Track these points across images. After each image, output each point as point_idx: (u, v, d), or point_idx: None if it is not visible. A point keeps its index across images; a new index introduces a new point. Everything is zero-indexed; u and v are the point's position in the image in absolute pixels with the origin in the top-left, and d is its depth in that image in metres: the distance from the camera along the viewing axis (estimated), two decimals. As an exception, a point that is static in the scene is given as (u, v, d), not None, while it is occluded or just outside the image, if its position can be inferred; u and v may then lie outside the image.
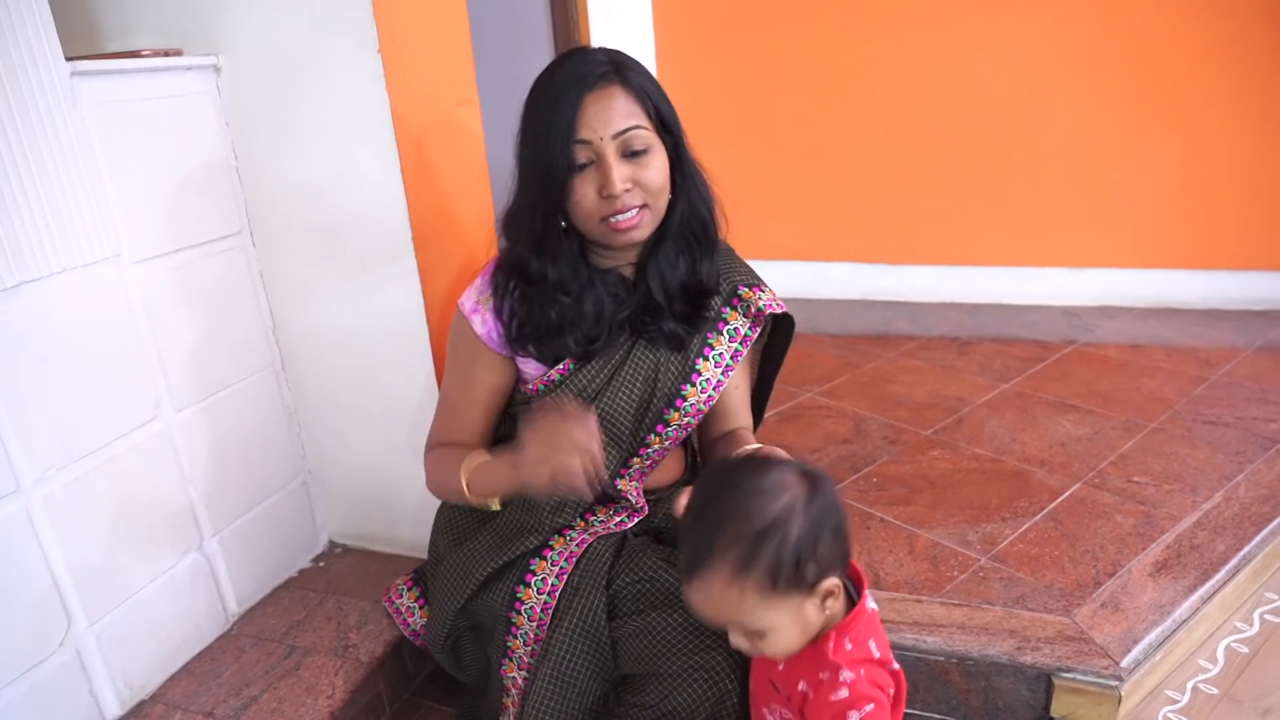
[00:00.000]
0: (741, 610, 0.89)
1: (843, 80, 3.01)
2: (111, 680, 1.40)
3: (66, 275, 1.30)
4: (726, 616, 0.91)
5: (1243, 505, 1.74)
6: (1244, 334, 2.62)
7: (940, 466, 1.98)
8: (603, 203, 1.15)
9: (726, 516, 0.89)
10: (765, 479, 0.91)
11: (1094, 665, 1.37)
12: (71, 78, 1.29)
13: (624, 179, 1.14)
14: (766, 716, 1.05)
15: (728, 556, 0.87)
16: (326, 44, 1.45)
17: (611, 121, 1.13)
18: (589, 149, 1.14)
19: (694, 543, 0.90)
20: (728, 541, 0.88)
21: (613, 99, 1.14)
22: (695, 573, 0.90)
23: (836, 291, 3.25)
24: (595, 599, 1.18)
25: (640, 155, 1.15)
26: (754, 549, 0.87)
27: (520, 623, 1.25)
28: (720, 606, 0.90)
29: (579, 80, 1.14)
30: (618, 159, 1.14)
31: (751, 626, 0.90)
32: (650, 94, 1.17)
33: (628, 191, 1.14)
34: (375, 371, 1.66)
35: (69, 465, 1.31)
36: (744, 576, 0.87)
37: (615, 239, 1.19)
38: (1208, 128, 2.67)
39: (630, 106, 1.15)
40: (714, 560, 0.88)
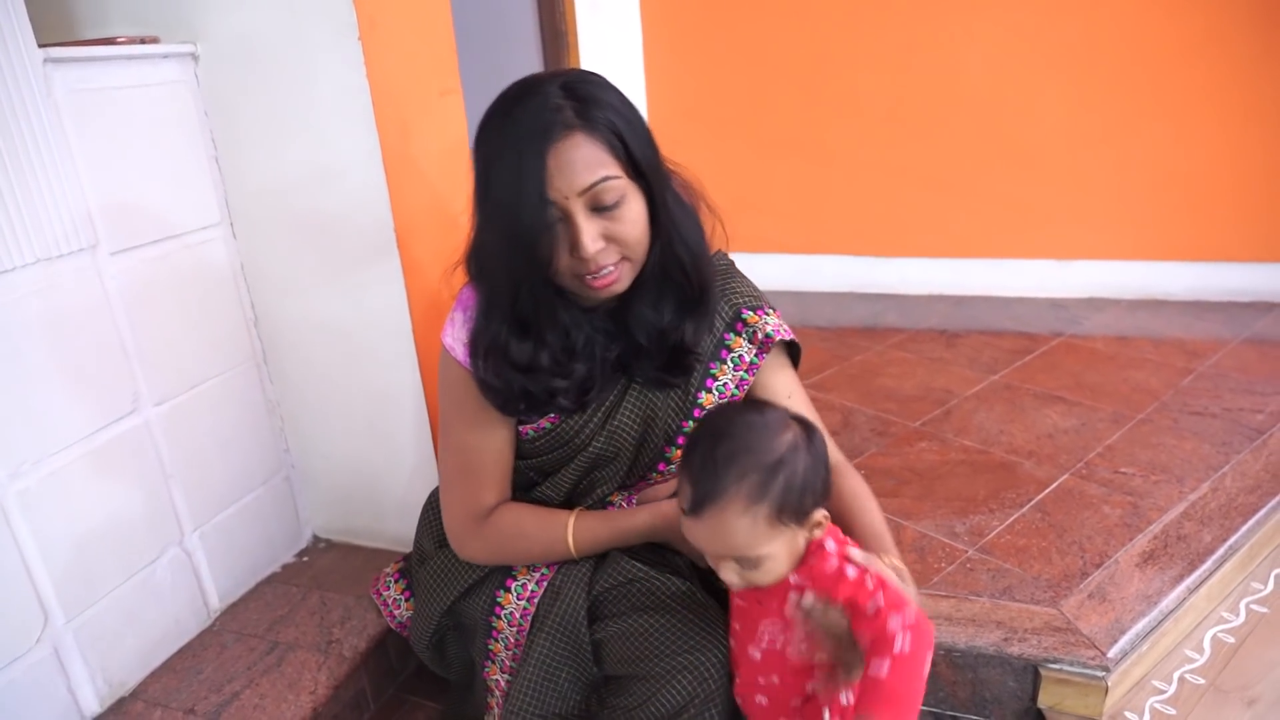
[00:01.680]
0: (750, 539, 0.92)
1: (831, 73, 3.00)
2: (90, 677, 1.38)
3: (41, 266, 1.28)
4: (732, 546, 0.94)
5: (1229, 496, 1.74)
6: (1231, 325, 2.63)
7: (928, 458, 1.98)
8: (576, 262, 1.03)
9: (739, 450, 0.92)
10: (768, 417, 0.97)
11: (1081, 656, 1.37)
12: (45, 65, 1.27)
13: (595, 237, 1.02)
14: (757, 699, 1.05)
15: (742, 487, 0.91)
16: (306, 31, 1.43)
17: (577, 176, 0.99)
18: (556, 209, 1.01)
19: (705, 475, 0.92)
20: (741, 472, 0.91)
21: (576, 149, 0.99)
22: (707, 504, 0.92)
23: (825, 284, 3.25)
24: (576, 603, 1.17)
25: (612, 209, 1.02)
26: (767, 480, 0.91)
27: (500, 627, 1.23)
28: (728, 537, 0.93)
29: (539, 132, 0.99)
30: (587, 216, 1.01)
31: (752, 555, 0.93)
32: (620, 133, 1.02)
33: (601, 250, 1.03)
34: (359, 364, 1.64)
35: (45, 459, 1.29)
36: (756, 506, 0.91)
37: (594, 295, 1.08)
38: (1195, 120, 2.68)
39: (597, 154, 1.00)
40: (728, 491, 0.91)
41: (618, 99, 1.05)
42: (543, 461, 1.23)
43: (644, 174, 1.05)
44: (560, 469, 1.22)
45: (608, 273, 1.05)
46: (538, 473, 1.25)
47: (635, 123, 1.05)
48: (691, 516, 0.94)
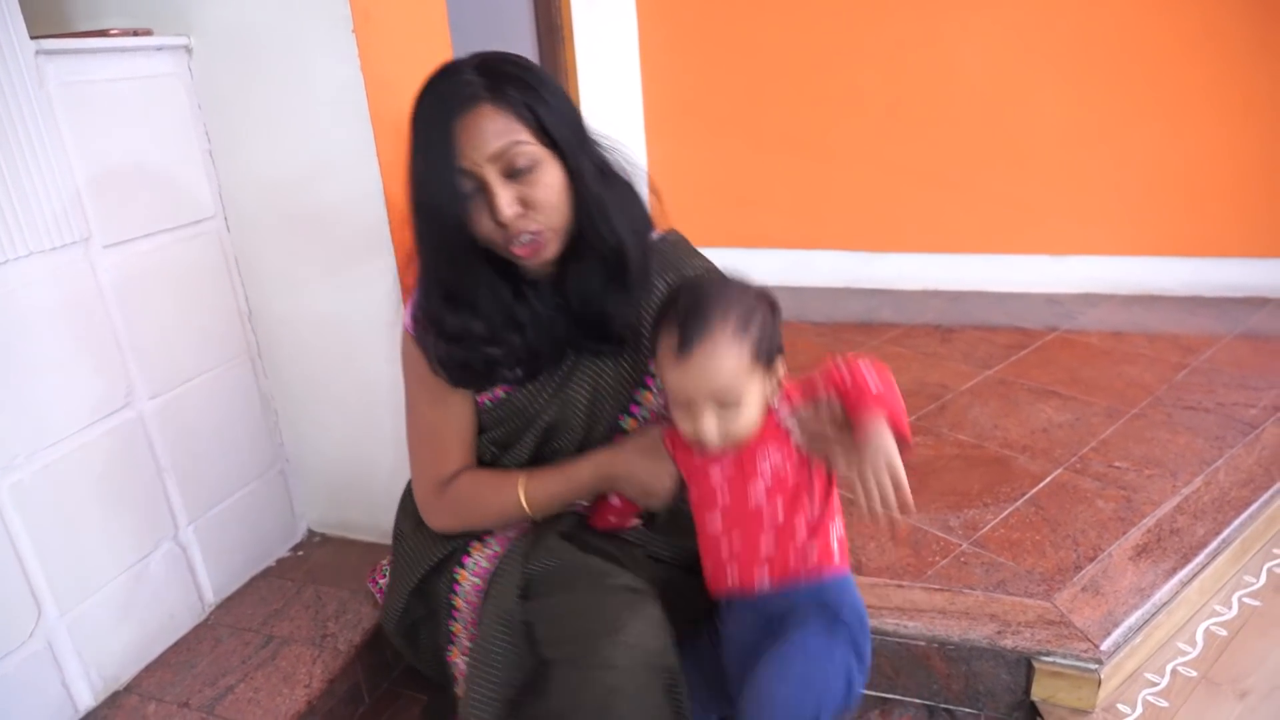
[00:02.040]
0: (734, 376, 0.98)
1: (827, 69, 2.99)
2: (84, 671, 1.38)
3: (34, 259, 1.27)
4: (720, 384, 0.98)
5: (1222, 490, 1.75)
6: (1224, 321, 2.63)
7: (923, 453, 1.98)
8: (498, 229, 1.06)
9: (719, 296, 1.01)
10: (734, 279, 1.08)
11: (1074, 649, 1.37)
12: (37, 57, 1.26)
13: (510, 201, 1.04)
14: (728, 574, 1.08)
15: (728, 322, 0.99)
16: (300, 25, 1.42)
17: (486, 143, 1.02)
18: (471, 177, 1.04)
19: (693, 315, 0.99)
20: (725, 310, 0.99)
21: (484, 119, 1.02)
22: (697, 339, 0.98)
23: (820, 279, 3.25)
24: (511, 581, 1.15)
25: (525, 173, 1.04)
26: (747, 317, 1.00)
27: (459, 605, 1.24)
28: (718, 372, 0.98)
29: (445, 104, 1.03)
30: (501, 182, 1.04)
31: (735, 395, 0.99)
32: (532, 105, 1.04)
33: (520, 216, 1.05)
34: (354, 358, 1.64)
35: (38, 452, 1.29)
36: (741, 340, 0.99)
37: (526, 263, 1.10)
38: (1190, 116, 2.68)
39: (506, 123, 1.03)
40: (716, 324, 0.98)
41: (534, 77, 1.07)
42: (500, 434, 1.25)
43: (558, 144, 1.06)
44: (517, 441, 1.24)
45: (528, 239, 1.07)
46: (498, 446, 1.27)
47: (551, 98, 1.07)
48: (682, 358, 0.98)
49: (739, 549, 1.07)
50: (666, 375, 1.02)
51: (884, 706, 1.49)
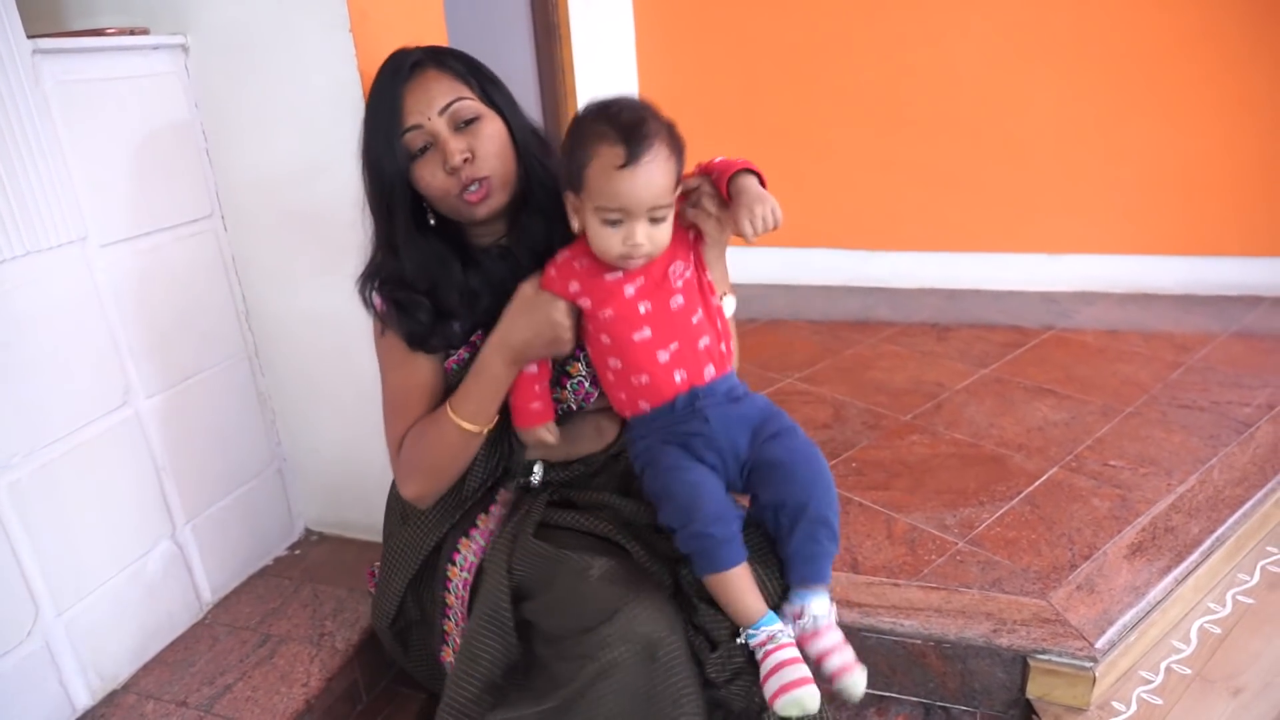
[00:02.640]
0: (668, 184, 1.06)
1: (822, 67, 3.00)
2: (82, 670, 1.38)
3: (30, 258, 1.27)
4: (659, 191, 1.05)
5: (1216, 488, 1.76)
6: (1219, 319, 2.65)
7: (919, 451, 1.99)
8: (450, 180, 1.14)
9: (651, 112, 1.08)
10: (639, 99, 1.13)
11: (1069, 647, 1.38)
12: (33, 56, 1.26)
13: (461, 150, 1.13)
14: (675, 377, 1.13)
15: (663, 132, 1.06)
16: (296, 23, 1.42)
17: (434, 99, 1.13)
18: (422, 133, 1.13)
19: (638, 126, 1.04)
20: (660, 122, 1.07)
21: (429, 81, 1.14)
22: (646, 147, 1.03)
23: (817, 278, 3.25)
24: (498, 580, 1.16)
25: (472, 124, 1.15)
26: (673, 132, 1.09)
27: (451, 602, 1.25)
28: (658, 180, 1.05)
29: (393, 75, 1.14)
30: (451, 132, 1.13)
31: (667, 202, 1.07)
32: (470, 73, 1.18)
33: (468, 162, 1.13)
34: (351, 357, 1.64)
35: (35, 452, 1.29)
36: (673, 153, 1.07)
37: (475, 211, 1.16)
38: (1185, 114, 2.69)
39: (449, 83, 1.15)
40: (657, 135, 1.05)
41: (473, 59, 1.20)
42: None
43: (497, 105, 1.18)
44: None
45: (477, 188, 1.14)
46: None
47: (488, 72, 1.20)
48: (629, 168, 1.03)
49: (683, 353, 1.13)
50: (607, 188, 1.05)
51: (880, 704, 1.49)
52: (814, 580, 1.10)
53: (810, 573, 1.10)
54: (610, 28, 3.04)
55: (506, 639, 1.15)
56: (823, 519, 1.09)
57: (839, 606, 1.48)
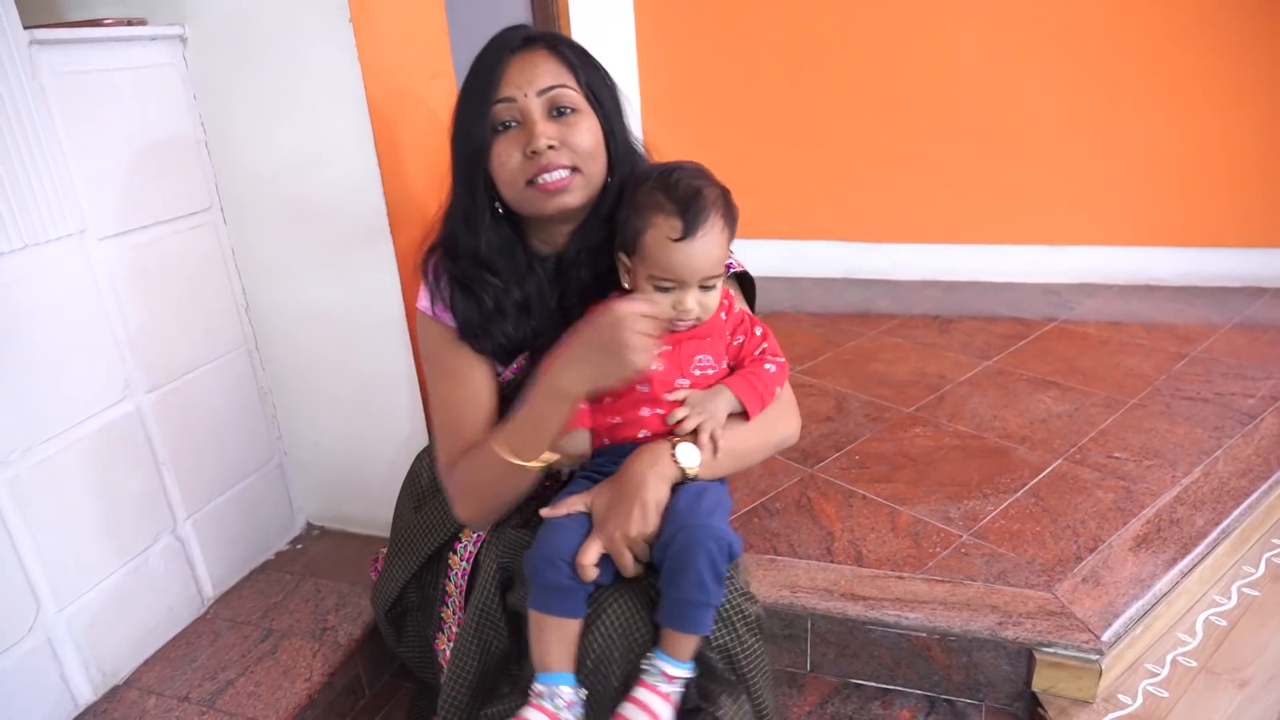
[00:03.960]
0: (723, 254, 1.08)
1: (822, 58, 2.98)
2: (83, 665, 1.38)
3: (28, 252, 1.26)
4: (715, 261, 1.06)
5: (1221, 480, 1.75)
6: (1222, 310, 2.64)
7: (922, 444, 1.98)
8: (527, 163, 1.07)
9: (706, 179, 1.08)
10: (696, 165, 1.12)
11: (1075, 639, 1.38)
12: (30, 47, 1.24)
13: (550, 135, 1.07)
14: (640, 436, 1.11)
15: (720, 204, 1.07)
16: (296, 14, 1.41)
17: (537, 79, 1.08)
18: (513, 107, 1.08)
19: (695, 198, 1.04)
20: (716, 193, 1.07)
21: (538, 60, 1.09)
22: (702, 220, 1.04)
23: (817, 270, 3.24)
24: (488, 570, 1.15)
25: (568, 114, 1.09)
26: (729, 202, 1.09)
27: (451, 590, 1.25)
28: (714, 251, 1.06)
29: (503, 44, 1.10)
30: (543, 116, 1.08)
31: (718, 273, 1.08)
32: (582, 66, 1.12)
33: (553, 149, 1.07)
34: (351, 351, 1.63)
35: (35, 447, 1.28)
36: (728, 223, 1.08)
37: (545, 204, 1.09)
38: (1186, 105, 2.68)
39: (557, 68, 1.10)
40: (713, 207, 1.05)
41: (590, 54, 1.15)
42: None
43: (601, 105, 1.13)
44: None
45: (560, 176, 1.08)
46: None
47: (601, 73, 1.15)
48: (686, 240, 1.03)
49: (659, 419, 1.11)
50: (662, 259, 1.05)
51: (885, 698, 1.49)
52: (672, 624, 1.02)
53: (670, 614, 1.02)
54: (609, 18, 3.02)
55: (497, 634, 1.15)
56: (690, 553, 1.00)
57: (845, 599, 1.49)
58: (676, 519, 1.03)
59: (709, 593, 1.01)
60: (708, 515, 1.03)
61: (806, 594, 1.51)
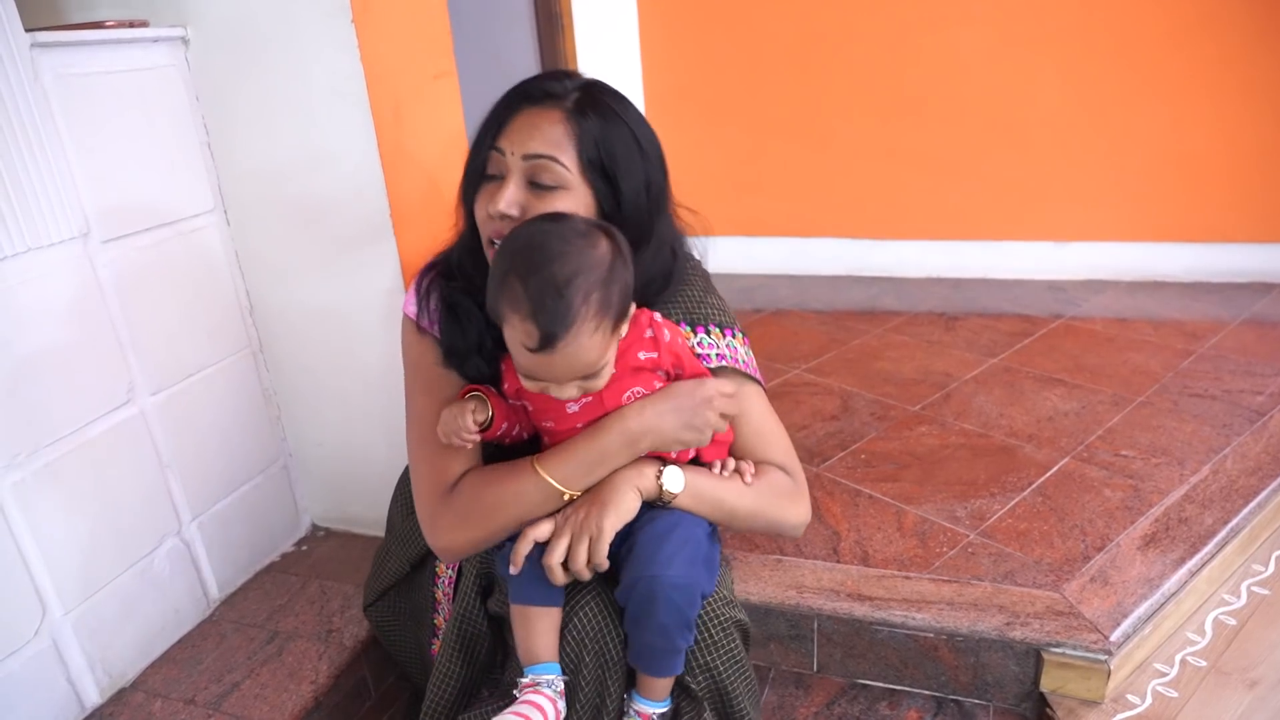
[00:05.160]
0: (598, 355, 0.94)
1: (827, 55, 2.97)
2: (90, 668, 1.38)
3: (31, 255, 1.26)
4: (584, 367, 0.94)
5: (1230, 478, 1.74)
6: (1229, 307, 2.62)
7: (928, 442, 1.97)
8: (489, 221, 1.02)
9: (575, 271, 0.90)
10: (576, 227, 0.95)
11: (1083, 640, 1.37)
12: (32, 49, 1.24)
13: (513, 202, 1.00)
14: None
15: (589, 308, 0.90)
16: (298, 14, 1.40)
17: (530, 141, 0.99)
18: (500, 161, 1.02)
19: (552, 306, 0.89)
20: (586, 294, 0.90)
21: (545, 122, 1.00)
22: (562, 334, 0.90)
23: (822, 267, 3.23)
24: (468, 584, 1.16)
25: (547, 191, 1.00)
26: (607, 296, 0.92)
27: (439, 597, 1.25)
28: (581, 359, 0.93)
29: (527, 91, 1.03)
30: (520, 182, 1.01)
31: (599, 369, 0.95)
32: (599, 141, 1.01)
33: (510, 219, 1.00)
34: (356, 352, 1.63)
35: (39, 451, 1.28)
36: (603, 323, 0.92)
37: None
38: (1192, 100, 2.66)
39: (560, 136, 1.00)
40: (579, 315, 0.90)
41: (628, 121, 1.03)
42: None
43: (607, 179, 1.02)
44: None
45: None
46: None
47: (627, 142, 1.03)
48: (543, 353, 0.90)
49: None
50: (523, 363, 0.94)
51: (892, 698, 1.48)
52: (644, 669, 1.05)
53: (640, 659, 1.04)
54: (613, 16, 3.01)
55: (480, 639, 1.15)
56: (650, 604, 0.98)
57: (851, 600, 1.48)
58: (635, 564, 0.99)
59: (673, 640, 1.00)
60: (666, 562, 0.98)
61: (813, 594, 1.51)
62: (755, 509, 1.10)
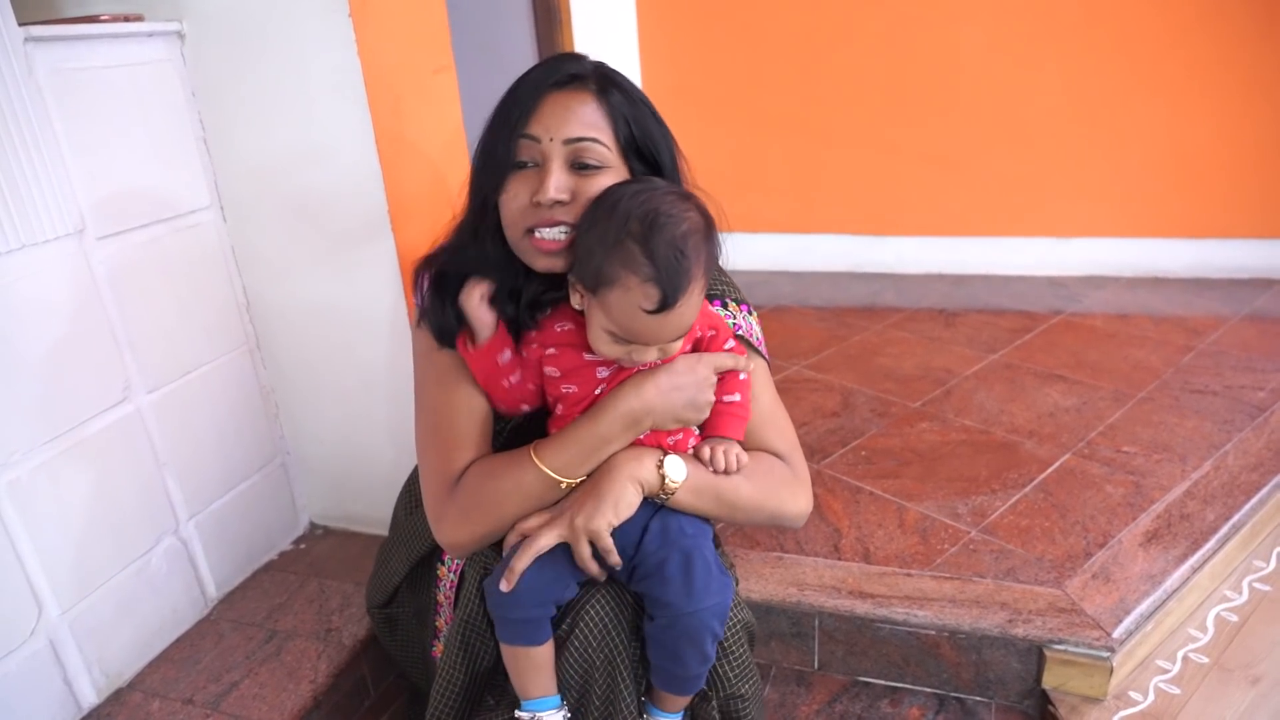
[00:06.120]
0: (697, 310, 0.95)
1: (827, 51, 2.96)
2: (87, 668, 1.37)
3: (26, 252, 1.25)
4: (687, 324, 0.95)
5: (1231, 474, 1.74)
6: (1230, 302, 2.62)
7: (929, 439, 1.97)
8: (531, 210, 0.99)
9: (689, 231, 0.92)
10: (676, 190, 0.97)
11: (1086, 637, 1.36)
12: (25, 44, 1.23)
13: (561, 189, 0.98)
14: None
15: (701, 265, 0.92)
16: (295, 8, 1.39)
17: (568, 125, 0.98)
18: (535, 148, 0.99)
19: (676, 273, 0.90)
20: (698, 251, 0.92)
21: (577, 103, 0.99)
22: (684, 293, 0.91)
23: (822, 264, 3.22)
24: (471, 586, 1.15)
25: (591, 170, 0.99)
26: (711, 252, 0.95)
27: (440, 600, 1.24)
28: (686, 319, 0.94)
29: (547, 73, 1.01)
30: (562, 166, 0.99)
31: (687, 328, 0.96)
32: (630, 119, 1.02)
33: (562, 205, 0.98)
34: (354, 349, 1.62)
35: (35, 449, 1.27)
36: (706, 278, 0.94)
37: (535, 259, 1.02)
38: (1193, 96, 2.65)
39: (595, 117, 1.00)
40: (695, 272, 0.92)
41: (647, 103, 1.04)
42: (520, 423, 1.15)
43: (643, 159, 1.03)
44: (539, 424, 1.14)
45: (558, 235, 0.99)
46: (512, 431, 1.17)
47: (653, 126, 1.04)
48: (659, 314, 0.90)
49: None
50: (629, 324, 0.93)
51: (894, 696, 1.48)
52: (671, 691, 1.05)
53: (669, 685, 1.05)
54: (612, 11, 3.00)
55: (483, 644, 1.14)
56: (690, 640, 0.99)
57: (853, 597, 1.48)
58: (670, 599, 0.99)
59: (707, 664, 1.02)
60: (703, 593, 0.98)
61: (814, 592, 1.50)
62: (756, 502, 1.08)
